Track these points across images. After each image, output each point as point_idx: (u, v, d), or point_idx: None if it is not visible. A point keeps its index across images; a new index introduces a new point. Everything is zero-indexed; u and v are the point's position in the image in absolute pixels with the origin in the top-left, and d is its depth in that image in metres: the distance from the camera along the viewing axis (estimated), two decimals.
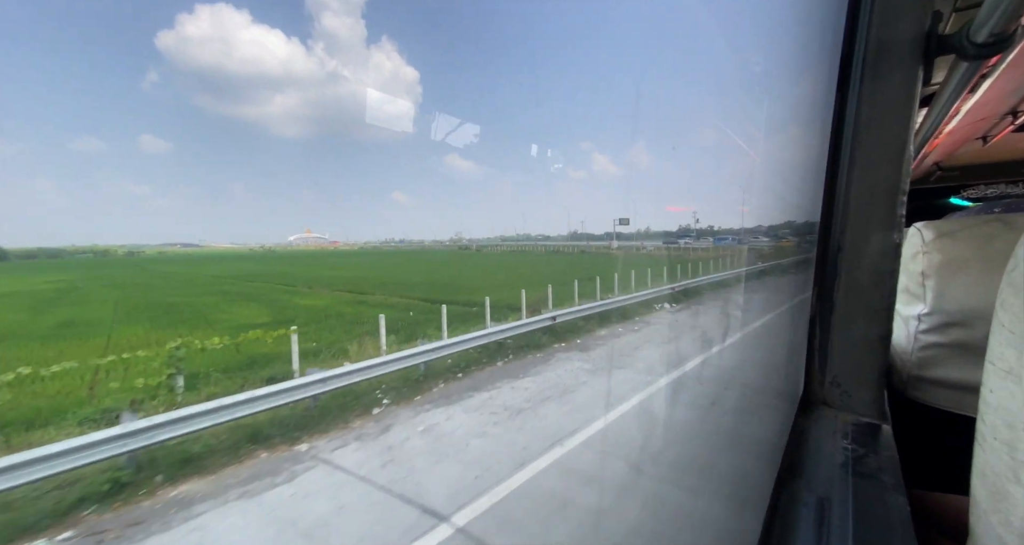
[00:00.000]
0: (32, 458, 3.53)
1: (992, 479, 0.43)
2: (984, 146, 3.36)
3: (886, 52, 1.01)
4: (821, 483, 0.76)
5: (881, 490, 0.73)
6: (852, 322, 1.10)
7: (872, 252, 1.07)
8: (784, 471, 0.82)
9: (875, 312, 1.08)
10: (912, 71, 1.01)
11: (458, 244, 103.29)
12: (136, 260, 70.45)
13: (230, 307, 15.15)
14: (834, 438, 0.96)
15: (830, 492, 0.73)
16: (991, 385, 0.44)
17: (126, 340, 9.62)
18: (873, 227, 1.07)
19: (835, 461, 0.84)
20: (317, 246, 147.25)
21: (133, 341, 9.45)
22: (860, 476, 0.78)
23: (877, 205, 1.06)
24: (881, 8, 1.02)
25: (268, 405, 4.96)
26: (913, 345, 1.15)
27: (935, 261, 1.09)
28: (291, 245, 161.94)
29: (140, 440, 4.04)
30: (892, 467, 0.81)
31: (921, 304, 1.13)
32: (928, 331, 1.12)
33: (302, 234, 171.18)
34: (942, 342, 1.10)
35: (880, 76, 1.03)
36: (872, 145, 1.05)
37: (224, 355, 7.75)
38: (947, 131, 2.74)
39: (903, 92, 1.01)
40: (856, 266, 1.09)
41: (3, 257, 76.07)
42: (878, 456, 0.86)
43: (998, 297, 0.44)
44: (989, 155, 3.84)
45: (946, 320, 1.08)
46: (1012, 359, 0.41)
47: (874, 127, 1.05)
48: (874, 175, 1.06)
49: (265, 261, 52.75)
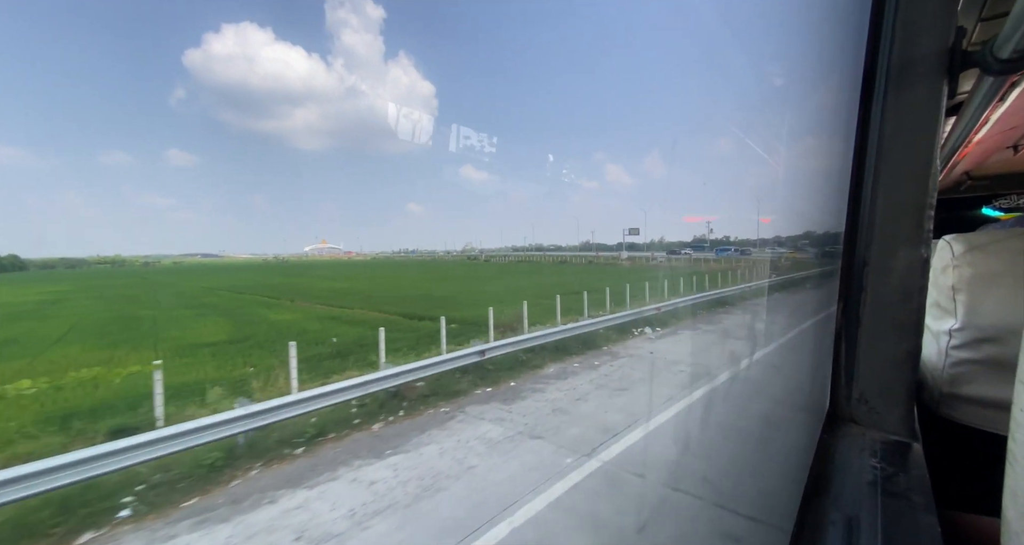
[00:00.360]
0: None
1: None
2: (1015, 155, 3.27)
3: (909, 67, 1.02)
4: (849, 502, 0.75)
5: (911, 510, 0.72)
6: (879, 338, 1.09)
7: (899, 267, 1.06)
8: (810, 488, 0.81)
9: (903, 328, 1.07)
10: (936, 85, 1.01)
11: (468, 254, 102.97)
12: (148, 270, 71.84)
13: (195, 322, 14.49)
14: (862, 456, 0.94)
15: (858, 511, 0.72)
16: (1022, 403, 0.45)
17: (42, 364, 8.66)
18: (900, 241, 1.06)
19: (863, 479, 0.82)
20: (331, 256, 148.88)
21: (48, 365, 8.48)
22: (889, 495, 0.76)
23: (904, 219, 1.06)
24: (903, 24, 1.02)
25: None
26: (944, 361, 1.11)
27: (966, 275, 1.07)
28: (306, 255, 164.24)
29: None
30: (923, 487, 0.79)
31: (952, 319, 1.10)
32: (960, 347, 1.09)
33: (317, 245, 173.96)
34: (975, 358, 1.07)
35: (904, 90, 1.02)
36: (897, 159, 1.05)
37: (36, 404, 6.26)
38: (976, 140, 2.65)
39: (928, 106, 1.01)
40: (883, 281, 1.08)
41: (23, 267, 77.93)
42: (908, 475, 0.84)
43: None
44: (1020, 164, 3.72)
45: (978, 336, 1.06)
46: None
47: (899, 141, 1.04)
48: (900, 189, 1.05)
49: (271, 272, 53.81)
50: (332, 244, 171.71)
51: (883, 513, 0.70)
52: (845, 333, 1.13)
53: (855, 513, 0.71)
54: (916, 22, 1.00)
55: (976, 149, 3.03)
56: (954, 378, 1.09)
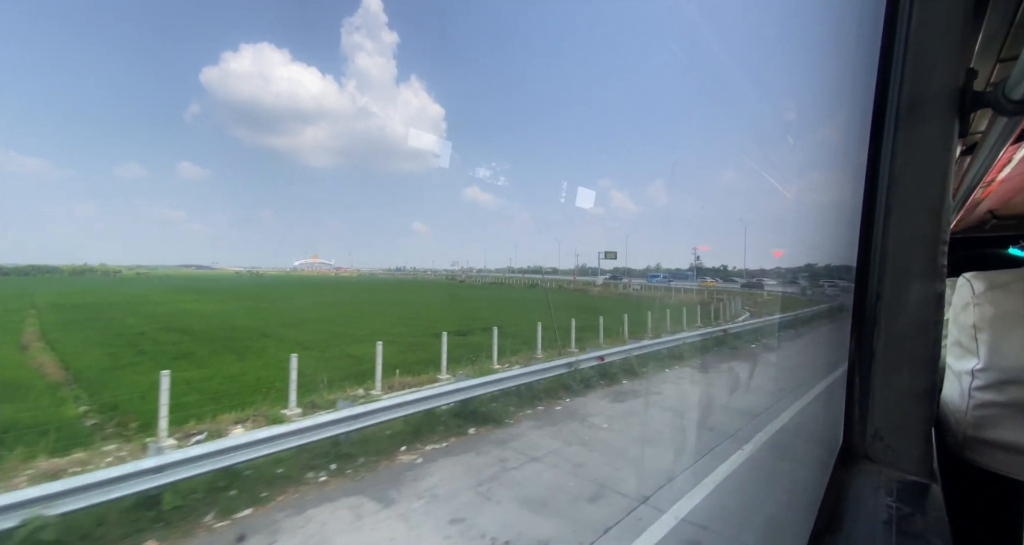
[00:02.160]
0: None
1: None
2: None
3: (919, 106, 1.02)
4: (862, 540, 0.74)
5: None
6: (895, 373, 1.07)
7: (914, 301, 1.05)
8: (821, 524, 0.79)
9: (920, 363, 1.05)
10: (948, 124, 1.01)
11: (449, 274, 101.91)
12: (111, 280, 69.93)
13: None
14: (877, 494, 0.91)
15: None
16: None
17: None
18: (914, 276, 1.05)
19: (878, 518, 0.80)
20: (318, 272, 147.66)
21: None
22: (905, 536, 0.74)
23: (917, 253, 1.05)
24: (913, 63, 1.02)
25: None
26: (968, 403, 1.09)
27: (987, 314, 1.06)
28: (296, 270, 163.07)
29: None
30: (941, 529, 0.76)
31: (974, 359, 1.08)
32: (983, 388, 1.07)
33: (308, 259, 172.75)
34: (999, 401, 1.04)
35: (915, 128, 1.03)
36: (909, 195, 1.04)
37: None
38: (1000, 178, 2.62)
39: (939, 144, 1.01)
40: (897, 315, 1.06)
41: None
42: (926, 517, 0.81)
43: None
44: None
45: (1002, 377, 1.03)
46: None
47: (910, 177, 1.04)
48: (912, 224, 1.05)
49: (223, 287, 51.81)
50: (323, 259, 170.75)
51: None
52: (859, 368, 1.11)
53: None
54: (926, 61, 1.01)
55: (1001, 188, 2.98)
56: (978, 421, 1.07)
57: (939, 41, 0.99)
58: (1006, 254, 4.46)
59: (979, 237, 4.77)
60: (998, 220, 4.26)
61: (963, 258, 2.46)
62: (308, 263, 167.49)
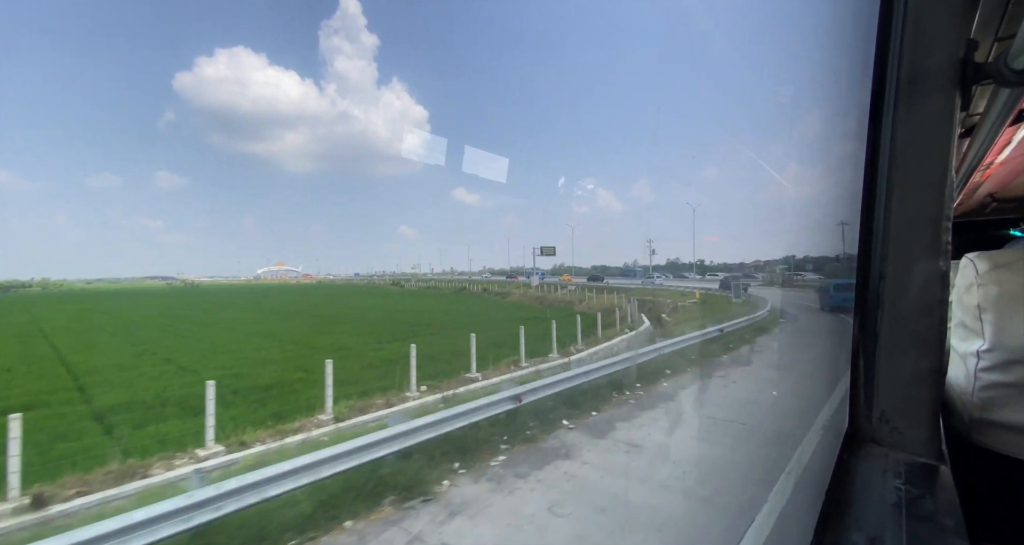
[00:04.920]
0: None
1: None
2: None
3: (920, 80, 1.00)
4: (871, 523, 0.72)
5: (940, 534, 0.69)
6: (899, 354, 1.05)
7: (917, 281, 1.03)
8: (828, 507, 0.79)
9: (925, 344, 1.03)
10: (949, 98, 0.99)
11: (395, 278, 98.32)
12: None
13: None
14: (885, 477, 0.90)
15: (882, 533, 0.69)
16: None
17: None
18: (917, 255, 1.03)
19: (887, 501, 0.79)
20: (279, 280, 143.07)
21: None
22: (916, 518, 0.73)
23: (920, 232, 1.03)
24: (912, 36, 1.00)
25: None
26: (974, 385, 1.09)
27: (991, 294, 1.05)
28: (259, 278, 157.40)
29: None
30: (952, 511, 0.76)
31: (980, 340, 1.08)
32: (989, 369, 1.06)
33: (271, 267, 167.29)
34: (1006, 382, 1.04)
35: (915, 103, 1.01)
36: (910, 172, 1.03)
37: None
38: (1000, 161, 2.61)
39: (940, 119, 0.99)
40: (900, 295, 1.05)
41: None
42: (935, 498, 0.81)
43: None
44: None
45: (1009, 357, 1.03)
46: None
47: (911, 154, 1.02)
48: (915, 202, 1.03)
49: (123, 299, 49.60)
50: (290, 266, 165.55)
51: (908, 536, 0.67)
52: (863, 350, 1.09)
53: (879, 534, 0.69)
54: (926, 34, 0.99)
55: (1000, 170, 2.97)
56: (985, 403, 1.07)
57: (939, 12, 0.96)
58: (1008, 237, 4.45)
59: (980, 221, 4.67)
60: (998, 203, 4.19)
61: (965, 242, 2.36)
62: (272, 270, 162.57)
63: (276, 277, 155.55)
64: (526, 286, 45.14)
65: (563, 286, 43.65)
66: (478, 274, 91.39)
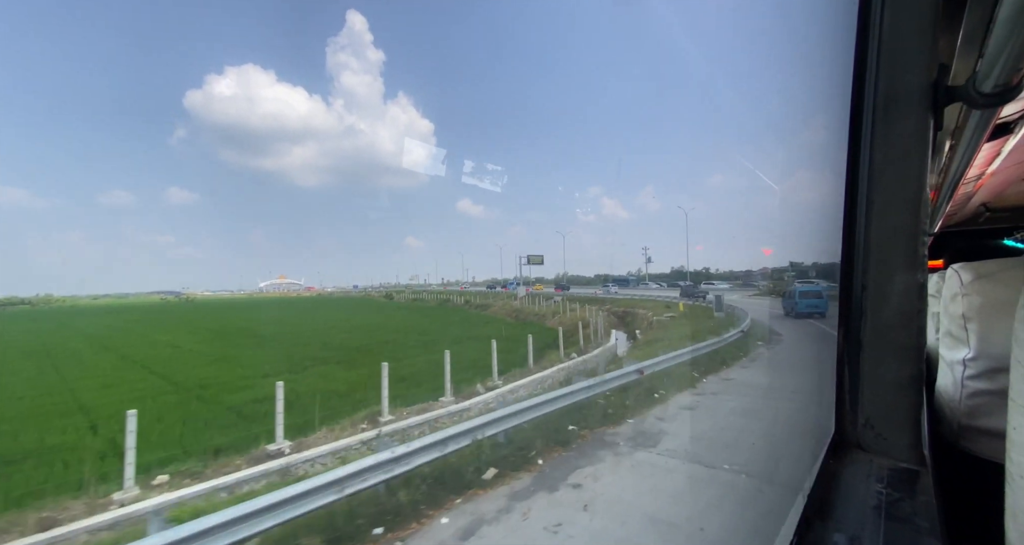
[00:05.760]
0: None
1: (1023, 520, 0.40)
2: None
3: (895, 101, 1.05)
4: (851, 525, 0.75)
5: (916, 535, 0.72)
6: (882, 362, 1.09)
7: (897, 291, 1.07)
8: (811, 510, 0.81)
9: (906, 352, 1.06)
10: (923, 119, 1.04)
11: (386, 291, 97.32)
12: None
13: None
14: (868, 482, 0.93)
15: (860, 535, 0.72)
16: (1015, 423, 0.44)
17: None
18: (896, 267, 1.07)
19: (868, 504, 0.82)
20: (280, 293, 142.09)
21: None
22: (893, 520, 0.76)
23: (898, 246, 1.07)
24: (887, 61, 1.05)
25: None
26: (961, 392, 1.12)
27: (976, 303, 1.08)
28: (261, 291, 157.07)
29: None
30: (929, 513, 0.79)
31: (965, 348, 1.11)
32: (975, 377, 1.09)
33: (274, 280, 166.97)
34: (991, 389, 1.06)
35: (891, 123, 1.06)
36: (888, 189, 1.07)
37: None
38: (991, 172, 2.64)
39: (915, 139, 1.04)
40: (882, 306, 1.08)
41: None
42: (914, 501, 0.83)
43: (1014, 335, 0.46)
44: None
45: (993, 365, 1.06)
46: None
47: (889, 172, 1.07)
48: (893, 217, 1.07)
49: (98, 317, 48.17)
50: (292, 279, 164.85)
51: (886, 537, 0.70)
52: (848, 358, 1.13)
53: (857, 535, 0.71)
54: (900, 59, 1.04)
55: (992, 181, 2.99)
56: (972, 410, 1.09)
57: (912, 38, 1.02)
58: (1001, 246, 4.31)
59: (974, 230, 4.70)
60: (991, 213, 4.21)
61: (958, 251, 2.40)
62: (274, 283, 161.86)
63: (278, 290, 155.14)
64: (512, 297, 41.46)
65: (548, 297, 41.82)
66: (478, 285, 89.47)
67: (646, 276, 56.13)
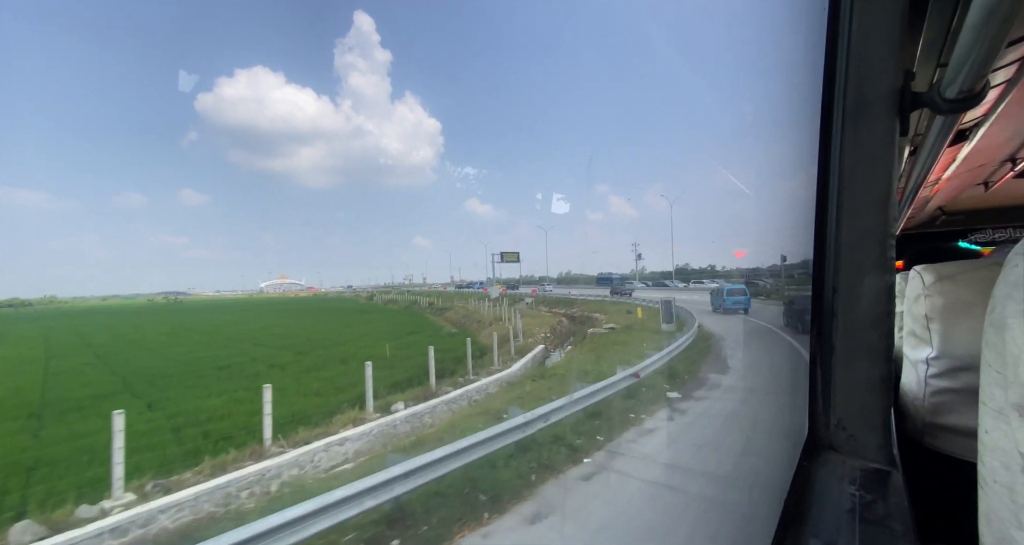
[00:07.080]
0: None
1: (997, 525, 0.43)
2: (986, 192, 3.44)
3: (864, 106, 1.07)
4: (827, 529, 0.75)
5: (890, 538, 0.72)
6: (853, 363, 1.10)
7: (867, 293, 1.08)
8: (788, 514, 0.81)
9: (876, 353, 1.08)
10: (890, 124, 1.06)
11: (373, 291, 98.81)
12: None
13: None
14: (841, 484, 0.94)
15: (836, 538, 0.72)
16: (986, 426, 0.45)
17: None
18: (866, 269, 1.08)
19: (842, 507, 0.82)
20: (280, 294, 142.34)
21: None
22: (868, 523, 0.76)
23: (868, 248, 1.08)
24: (856, 67, 1.07)
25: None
26: (924, 390, 1.14)
27: (938, 304, 1.11)
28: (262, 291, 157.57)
29: None
30: (901, 514, 0.79)
31: (928, 348, 1.14)
32: (938, 376, 1.12)
33: (275, 280, 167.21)
34: (954, 387, 1.10)
35: (860, 128, 1.08)
36: (858, 192, 1.09)
37: None
38: (947, 177, 2.81)
39: (883, 143, 1.06)
40: (852, 307, 1.10)
41: None
42: (887, 503, 0.84)
43: (983, 337, 0.47)
44: (991, 200, 3.92)
45: (955, 364, 1.09)
46: (1000, 398, 0.42)
47: (858, 175, 1.08)
48: (863, 220, 1.09)
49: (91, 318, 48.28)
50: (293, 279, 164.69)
51: (861, 540, 0.70)
52: (820, 360, 1.14)
53: (833, 539, 0.71)
54: (868, 66, 1.05)
55: (948, 185, 3.08)
56: (935, 407, 1.12)
57: (880, 45, 1.03)
58: (957, 248, 4.49)
59: (931, 232, 4.87)
60: (947, 216, 4.46)
61: (918, 252, 2.40)
62: (275, 284, 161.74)
63: (279, 291, 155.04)
64: (484, 297, 40.05)
65: (519, 298, 41.02)
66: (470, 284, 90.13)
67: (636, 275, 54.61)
